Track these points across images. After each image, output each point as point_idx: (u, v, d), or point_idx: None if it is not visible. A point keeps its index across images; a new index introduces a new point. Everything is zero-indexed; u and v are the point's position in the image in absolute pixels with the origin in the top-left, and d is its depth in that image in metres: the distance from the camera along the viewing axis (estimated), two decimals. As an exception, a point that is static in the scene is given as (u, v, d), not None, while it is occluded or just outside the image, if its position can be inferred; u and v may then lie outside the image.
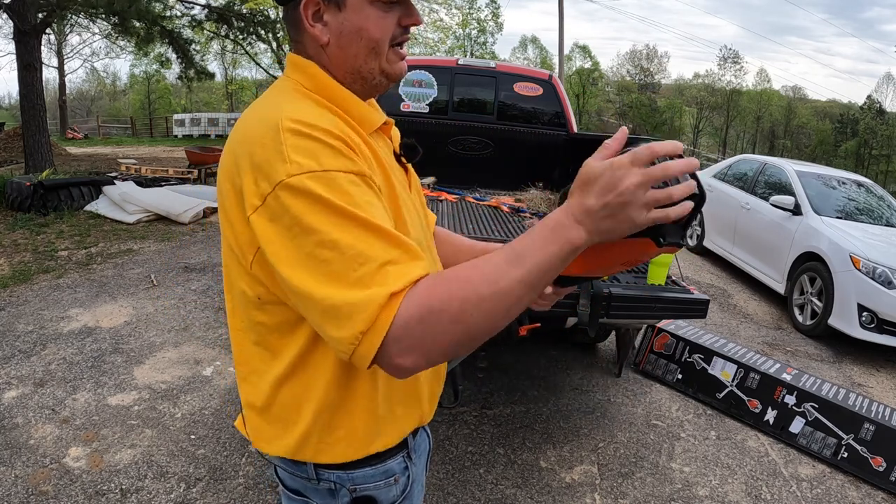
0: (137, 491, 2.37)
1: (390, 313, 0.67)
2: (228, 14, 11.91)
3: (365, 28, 0.84)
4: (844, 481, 2.88)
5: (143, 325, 4.04)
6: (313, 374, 0.85)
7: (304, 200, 0.70)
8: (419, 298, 0.68)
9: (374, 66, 0.87)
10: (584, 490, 2.61)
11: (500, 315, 0.70)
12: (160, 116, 33.75)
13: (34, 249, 5.71)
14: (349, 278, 0.68)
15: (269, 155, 0.73)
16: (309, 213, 0.70)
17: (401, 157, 0.97)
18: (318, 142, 0.73)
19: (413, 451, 1.00)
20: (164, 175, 9.72)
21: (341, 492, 0.93)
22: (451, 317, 0.67)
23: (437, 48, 20.04)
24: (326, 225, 0.69)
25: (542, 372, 3.74)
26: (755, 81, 48.62)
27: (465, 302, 0.68)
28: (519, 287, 0.69)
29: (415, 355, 0.68)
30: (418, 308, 0.67)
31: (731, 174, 7.27)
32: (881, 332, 4.49)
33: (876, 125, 41.06)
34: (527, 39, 46.26)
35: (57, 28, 23.27)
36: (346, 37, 0.85)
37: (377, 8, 0.84)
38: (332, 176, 0.71)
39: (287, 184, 0.71)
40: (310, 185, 0.70)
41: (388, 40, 0.87)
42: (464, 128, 4.73)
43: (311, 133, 0.74)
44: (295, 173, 0.71)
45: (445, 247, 1.17)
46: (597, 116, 45.02)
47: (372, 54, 0.86)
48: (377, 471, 0.93)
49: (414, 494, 1.03)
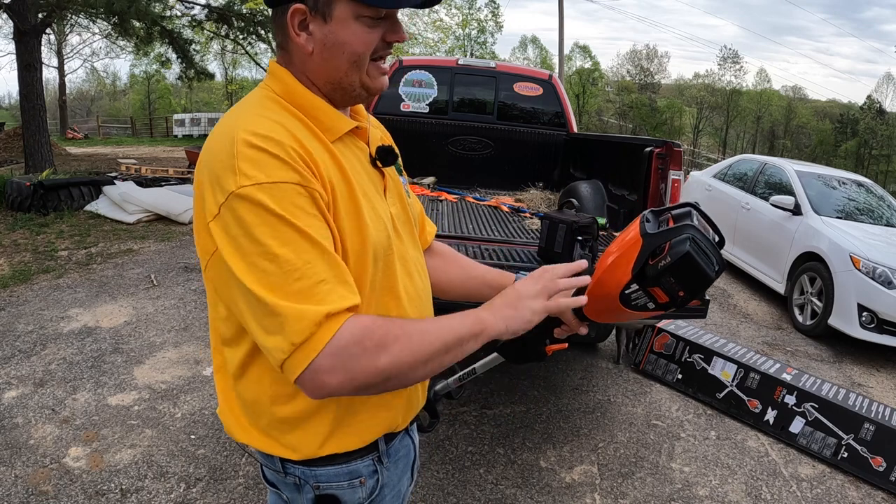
0: (137, 491, 2.37)
1: (328, 333, 0.74)
2: (228, 14, 11.90)
3: (349, 42, 0.86)
4: (844, 481, 2.88)
5: (143, 325, 4.04)
6: (263, 372, 0.88)
7: (251, 211, 0.75)
8: (364, 329, 0.76)
9: (354, 79, 0.89)
10: (584, 490, 2.61)
11: (422, 365, 0.81)
12: (160, 116, 33.77)
13: (34, 249, 5.71)
14: (285, 290, 0.74)
15: (224, 166, 0.77)
16: (254, 225, 0.75)
17: (376, 161, 0.97)
18: (268, 154, 0.77)
19: (385, 456, 0.99)
20: (164, 175, 9.71)
21: (305, 488, 0.95)
22: (386, 354, 0.77)
23: (437, 48, 20.04)
24: (269, 237, 0.75)
25: (542, 372, 3.74)
26: (755, 81, 48.69)
27: (402, 348, 0.78)
28: (442, 348, 0.82)
29: (342, 378, 0.75)
30: (361, 337, 0.75)
31: (731, 174, 7.27)
32: (881, 332, 4.49)
33: (876, 125, 41.06)
34: (527, 39, 46.32)
35: (57, 28, 23.26)
36: (330, 49, 0.87)
37: (363, 23, 0.85)
38: (279, 187, 0.76)
39: (237, 194, 0.75)
40: (258, 196, 0.75)
41: (370, 55, 0.88)
42: (464, 128, 4.73)
43: (262, 145, 0.77)
44: (244, 184, 0.75)
45: (454, 268, 1.20)
46: (597, 116, 45.03)
47: (353, 67, 0.88)
48: (341, 470, 0.94)
49: (385, 501, 1.01)
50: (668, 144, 2.85)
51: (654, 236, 0.88)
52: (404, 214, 1.03)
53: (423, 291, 1.02)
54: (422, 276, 1.04)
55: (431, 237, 1.23)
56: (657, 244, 0.87)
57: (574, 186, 3.77)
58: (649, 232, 0.88)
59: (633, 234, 0.91)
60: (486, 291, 1.16)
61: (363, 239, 0.86)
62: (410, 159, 2.97)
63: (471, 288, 1.19)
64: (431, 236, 1.23)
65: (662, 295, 0.88)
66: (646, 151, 2.92)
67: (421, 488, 2.51)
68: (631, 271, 0.89)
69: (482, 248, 2.83)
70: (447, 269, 1.20)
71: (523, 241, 3.09)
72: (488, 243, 2.98)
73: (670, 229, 0.88)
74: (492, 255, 2.74)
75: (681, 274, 0.86)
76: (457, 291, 1.20)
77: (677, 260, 0.85)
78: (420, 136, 4.64)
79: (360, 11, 0.84)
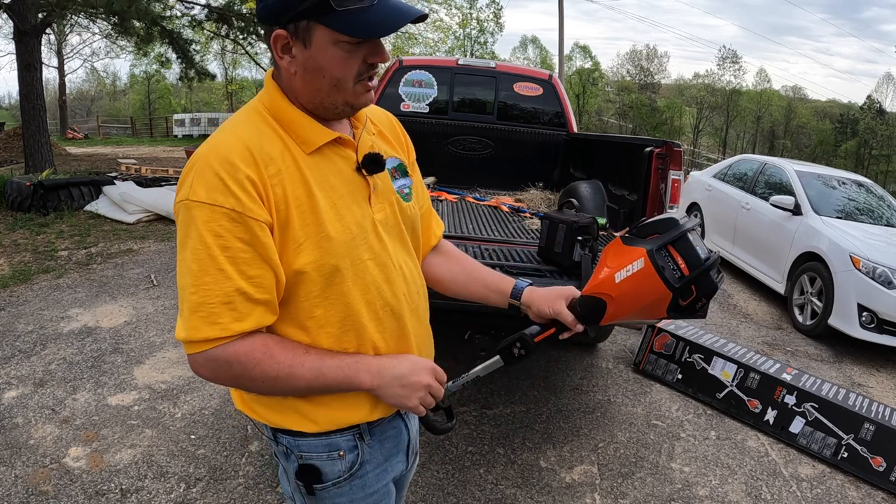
0: (137, 491, 2.37)
1: (204, 346, 0.88)
2: (228, 14, 11.89)
3: (328, 67, 0.89)
4: (844, 481, 2.88)
5: (143, 324, 4.04)
6: None
7: (184, 221, 0.86)
8: (237, 350, 0.88)
9: (337, 99, 0.93)
10: (584, 490, 2.61)
11: (280, 391, 0.95)
12: (160, 116, 33.76)
13: (34, 249, 5.71)
14: (187, 295, 0.87)
15: (186, 175, 0.88)
16: (184, 234, 0.86)
17: (361, 169, 1.00)
18: (217, 177, 0.85)
19: (367, 434, 1.04)
20: (164, 175, 9.69)
21: (291, 457, 1.03)
22: (247, 376, 0.90)
23: (437, 48, 20.02)
24: (188, 249, 0.86)
25: (542, 372, 3.74)
26: (755, 81, 48.69)
27: (264, 374, 0.90)
28: (304, 385, 0.93)
29: (210, 376, 0.91)
30: (232, 355, 0.88)
31: (731, 174, 7.27)
32: (881, 332, 4.49)
33: (876, 125, 41.06)
34: (527, 39, 46.33)
35: (57, 28, 23.26)
36: (311, 73, 0.91)
37: (342, 49, 0.88)
38: (212, 209, 0.85)
39: (184, 203, 0.86)
40: (193, 211, 0.85)
41: (353, 78, 0.91)
42: (464, 128, 4.73)
43: (219, 170, 0.86)
44: (187, 197, 0.86)
45: (457, 268, 1.24)
46: (597, 116, 45.02)
47: (335, 90, 0.92)
48: (320, 442, 1.01)
49: (367, 477, 1.05)
50: (668, 144, 2.84)
51: (681, 288, 0.96)
52: (394, 219, 1.05)
53: (405, 295, 1.04)
54: (407, 280, 1.05)
55: (438, 236, 1.26)
56: (685, 290, 0.96)
57: (574, 186, 3.76)
58: (676, 286, 0.96)
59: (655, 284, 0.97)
60: (485, 293, 1.21)
61: (323, 247, 0.92)
62: (410, 159, 2.98)
63: (472, 290, 1.22)
64: (437, 236, 1.26)
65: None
66: (646, 151, 2.92)
67: (421, 488, 2.51)
68: (665, 313, 0.99)
69: (482, 248, 2.83)
70: (450, 268, 1.23)
71: (523, 241, 3.09)
72: (488, 243, 2.98)
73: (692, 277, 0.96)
74: (492, 255, 2.74)
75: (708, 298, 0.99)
76: (458, 290, 1.24)
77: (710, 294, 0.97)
78: (420, 136, 4.63)
79: (338, 37, 0.87)
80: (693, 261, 0.95)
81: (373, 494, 1.06)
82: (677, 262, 0.95)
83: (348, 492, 1.03)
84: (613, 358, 4.05)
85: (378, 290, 0.98)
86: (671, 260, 0.96)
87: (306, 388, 0.93)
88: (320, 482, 1.01)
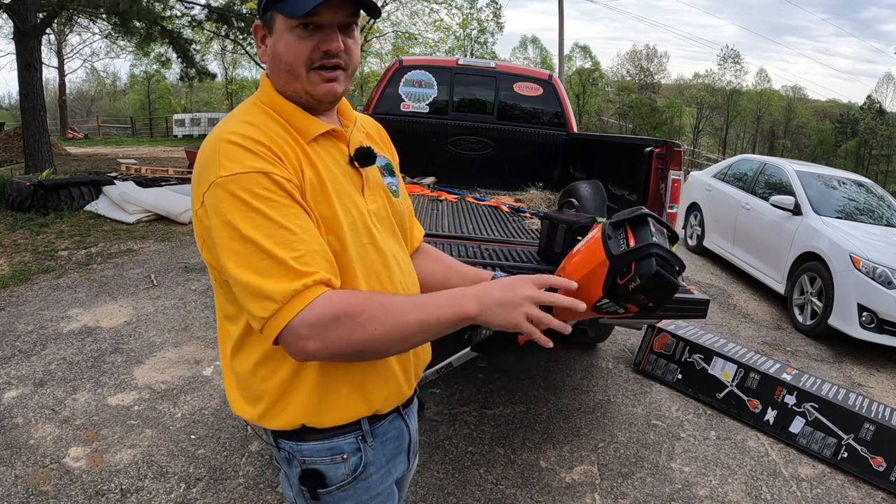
0: (137, 491, 2.37)
1: (302, 302, 0.82)
2: (228, 14, 11.90)
3: (282, 53, 0.94)
4: (844, 481, 2.88)
5: (143, 325, 4.04)
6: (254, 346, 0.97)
7: (226, 198, 0.84)
8: (339, 301, 0.84)
9: (297, 87, 0.96)
10: (584, 490, 2.61)
11: (395, 340, 0.87)
12: (160, 116, 33.76)
13: (34, 249, 5.71)
14: (255, 267, 0.83)
15: (208, 162, 0.88)
16: (228, 210, 0.84)
17: (353, 162, 1.03)
18: (244, 149, 0.87)
19: (370, 435, 1.03)
20: (164, 175, 9.70)
21: (293, 462, 1.01)
22: (360, 325, 0.83)
23: (437, 48, 20.03)
24: (240, 221, 0.84)
25: (542, 372, 3.74)
26: (755, 81, 48.69)
27: (374, 319, 0.84)
28: (416, 325, 0.87)
29: (318, 344, 0.83)
30: (336, 307, 0.83)
31: (731, 174, 7.27)
32: (881, 332, 4.49)
33: (876, 125, 41.06)
34: (527, 39, 46.32)
35: (57, 28, 23.27)
36: (273, 59, 0.96)
37: (295, 34, 0.92)
38: (250, 177, 0.85)
39: (216, 183, 0.85)
40: (232, 186, 0.84)
41: (304, 65, 0.94)
42: (464, 128, 4.73)
43: (241, 142, 0.87)
44: (223, 174, 0.85)
45: (437, 265, 1.25)
46: (597, 116, 45.03)
47: (290, 77, 0.95)
48: (323, 446, 0.99)
49: (371, 479, 1.04)
50: (668, 144, 2.84)
51: (620, 258, 0.92)
52: (384, 211, 1.08)
53: (401, 283, 1.05)
54: (402, 268, 1.07)
55: (419, 240, 1.29)
56: (623, 264, 0.92)
57: (574, 186, 3.76)
58: (615, 254, 0.92)
59: (597, 250, 0.95)
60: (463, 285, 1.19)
61: (331, 226, 0.93)
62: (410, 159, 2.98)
63: (453, 283, 1.23)
64: (419, 239, 1.29)
65: (633, 307, 0.95)
66: (646, 151, 2.92)
67: (421, 488, 2.51)
68: (602, 290, 0.94)
69: (482, 248, 2.83)
70: (430, 265, 1.26)
71: (523, 241, 3.09)
72: (488, 243, 2.98)
73: (633, 249, 0.92)
74: (492, 256, 2.74)
75: (650, 291, 0.92)
76: (439, 285, 1.24)
77: (646, 281, 0.90)
78: (420, 136, 4.64)
79: (290, 23, 0.91)
80: (640, 240, 0.94)
81: (377, 496, 1.05)
82: (628, 238, 0.95)
83: (353, 495, 1.02)
84: (613, 358, 4.05)
85: (377, 275, 1.00)
86: (623, 236, 0.95)
87: (418, 328, 0.87)
88: (324, 486, 1.00)
